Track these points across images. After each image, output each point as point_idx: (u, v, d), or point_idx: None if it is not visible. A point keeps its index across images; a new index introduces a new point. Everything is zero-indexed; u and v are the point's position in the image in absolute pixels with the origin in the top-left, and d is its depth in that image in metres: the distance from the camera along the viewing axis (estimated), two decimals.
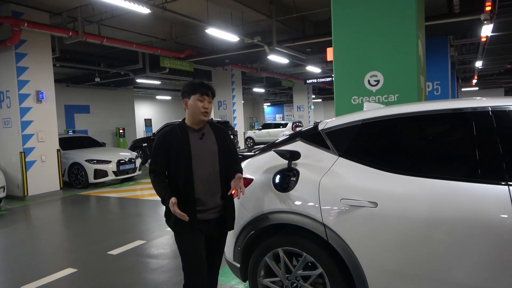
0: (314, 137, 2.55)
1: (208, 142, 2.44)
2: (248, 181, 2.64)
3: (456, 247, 1.91)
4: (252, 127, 30.56)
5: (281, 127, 22.67)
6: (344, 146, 2.38)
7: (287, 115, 37.36)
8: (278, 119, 37.55)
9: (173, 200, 2.23)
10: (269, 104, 39.41)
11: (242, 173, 2.48)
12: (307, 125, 23.13)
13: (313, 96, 29.33)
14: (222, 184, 2.44)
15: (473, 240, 1.87)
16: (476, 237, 1.87)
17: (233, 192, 2.39)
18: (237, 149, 2.73)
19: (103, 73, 14.92)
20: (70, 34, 8.85)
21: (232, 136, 2.69)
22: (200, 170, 2.37)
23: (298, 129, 20.62)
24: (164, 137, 2.41)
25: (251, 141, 23.00)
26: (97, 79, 14.66)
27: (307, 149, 2.51)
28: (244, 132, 19.23)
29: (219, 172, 2.43)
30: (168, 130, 2.45)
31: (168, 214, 2.43)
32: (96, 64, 13.46)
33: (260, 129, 23.60)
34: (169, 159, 2.38)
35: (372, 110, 2.56)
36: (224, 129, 2.57)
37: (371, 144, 2.40)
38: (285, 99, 34.41)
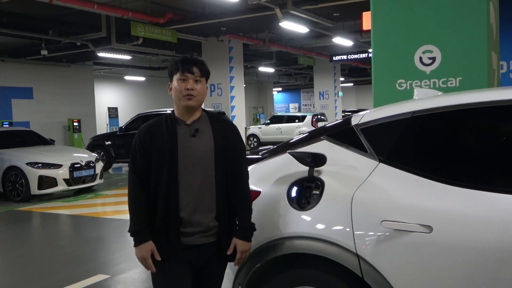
0: (345, 135, 2.56)
1: (203, 141, 2.45)
2: (254, 195, 2.65)
3: None
4: (256, 121, 30.65)
5: (296, 121, 22.74)
6: (386, 148, 2.39)
7: (305, 105, 37.43)
8: (293, 110, 37.63)
9: (148, 247, 2.34)
10: (280, 89, 39.52)
11: (251, 211, 2.51)
12: (333, 119, 23.17)
13: (342, 79, 29.37)
14: (218, 199, 2.45)
15: None
16: None
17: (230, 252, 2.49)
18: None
19: (53, 44, 15.01)
20: None
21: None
22: (188, 179, 2.39)
23: (320, 124, 20.79)
24: (145, 132, 2.45)
25: (255, 139, 23.09)
26: (44, 52, 14.72)
27: (336, 152, 2.53)
28: (245, 128, 19.31)
29: (214, 182, 2.44)
30: (152, 123, 2.49)
31: None
32: (42, 31, 13.54)
33: (267, 124, 23.67)
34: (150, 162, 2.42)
35: (425, 99, 2.57)
36: (227, 123, 2.59)
37: (424, 146, 2.42)
38: (302, 83, 34.49)
